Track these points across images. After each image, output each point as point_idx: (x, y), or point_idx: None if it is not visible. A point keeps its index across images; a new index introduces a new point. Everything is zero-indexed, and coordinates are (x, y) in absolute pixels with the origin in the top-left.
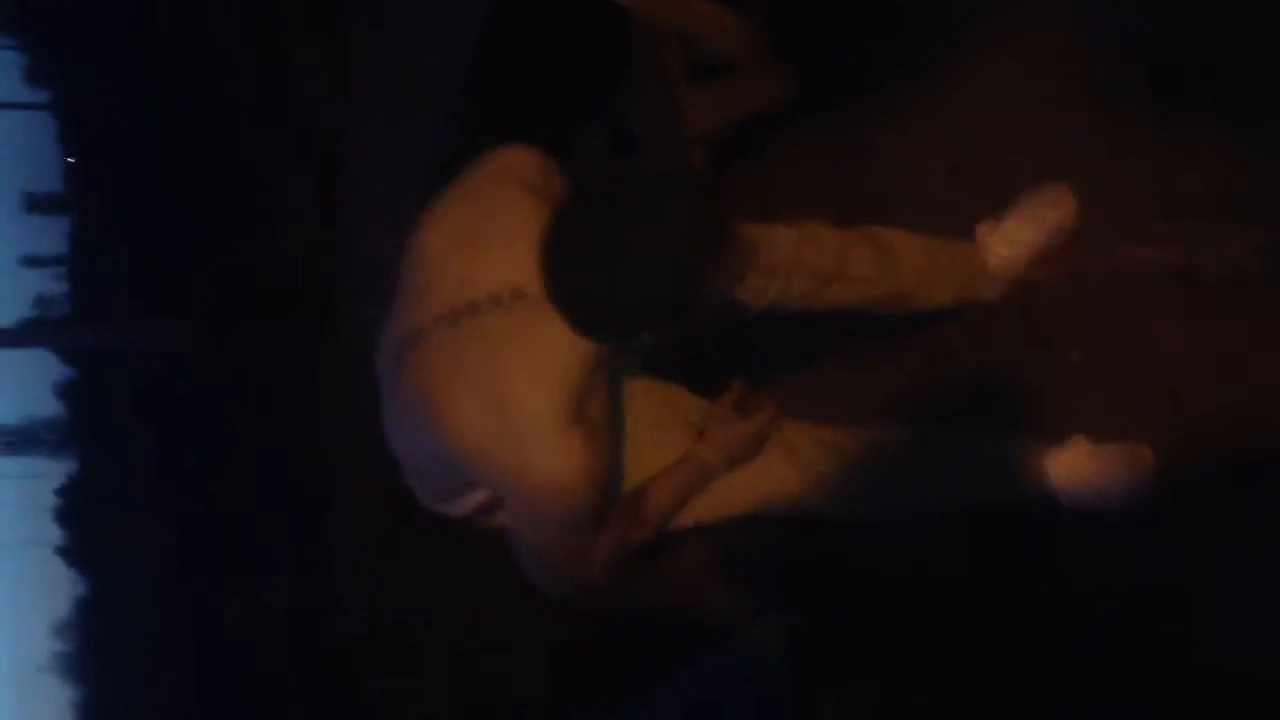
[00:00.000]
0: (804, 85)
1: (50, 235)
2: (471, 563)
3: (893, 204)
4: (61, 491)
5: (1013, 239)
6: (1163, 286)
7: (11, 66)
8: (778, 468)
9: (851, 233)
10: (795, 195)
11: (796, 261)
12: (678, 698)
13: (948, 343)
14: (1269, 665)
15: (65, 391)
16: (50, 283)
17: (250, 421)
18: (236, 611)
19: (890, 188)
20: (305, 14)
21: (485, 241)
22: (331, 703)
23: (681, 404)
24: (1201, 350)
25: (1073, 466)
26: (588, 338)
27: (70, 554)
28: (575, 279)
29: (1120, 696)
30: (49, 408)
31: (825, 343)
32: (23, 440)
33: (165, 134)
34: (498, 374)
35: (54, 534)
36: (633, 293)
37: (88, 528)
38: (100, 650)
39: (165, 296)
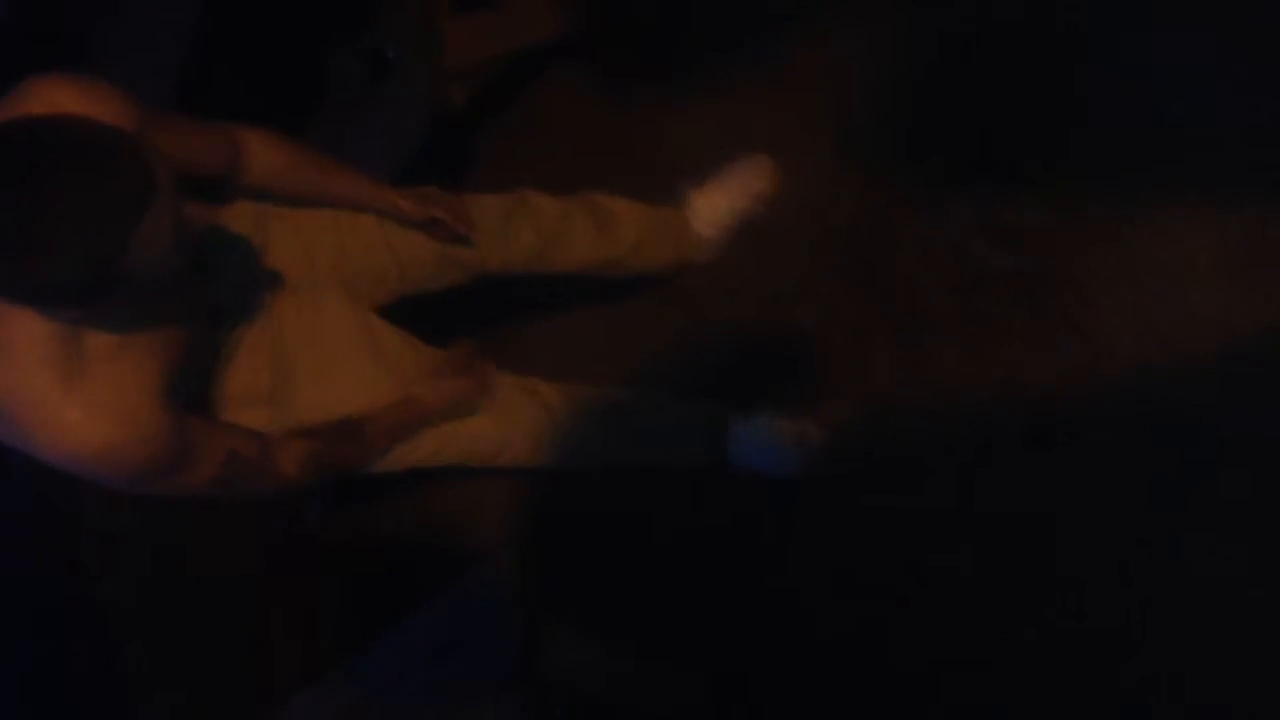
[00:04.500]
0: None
1: None
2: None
3: (618, 173)
4: None
5: (717, 205)
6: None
7: None
8: (492, 421)
9: (570, 200)
10: (544, 145)
11: (515, 227)
12: (421, 634)
13: (657, 306)
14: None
15: None
16: None
17: None
18: None
19: (620, 154)
20: None
21: None
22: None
23: (409, 351)
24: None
25: (753, 436)
26: (28, 308)
27: None
28: None
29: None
30: None
31: (547, 307)
32: None
33: None
34: None
35: None
36: (34, 265)
37: None
38: None
39: None
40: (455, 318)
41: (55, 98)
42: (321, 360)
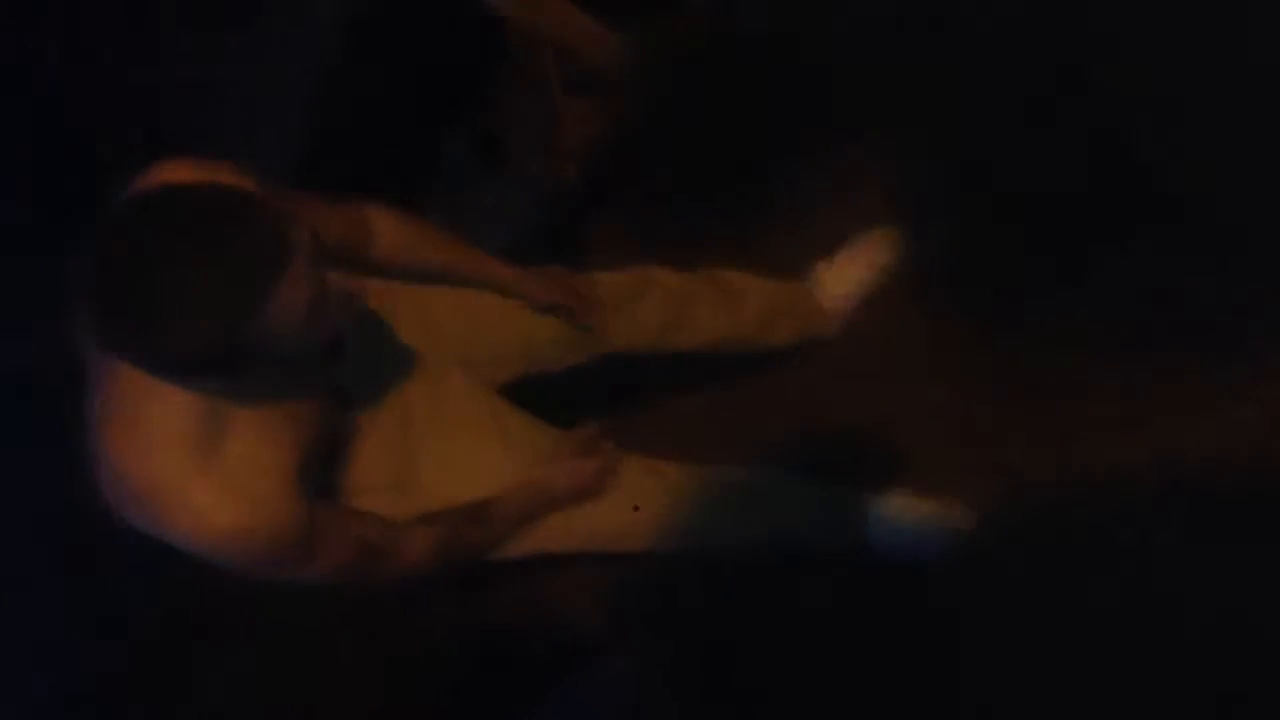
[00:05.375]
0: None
1: None
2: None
3: (741, 247)
4: None
5: (845, 277)
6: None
7: None
8: (618, 504)
9: (694, 276)
10: (663, 222)
11: (640, 306)
12: None
13: (785, 384)
14: None
15: None
16: None
17: None
18: None
19: (745, 227)
20: None
21: None
22: None
23: (534, 432)
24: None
25: (892, 517)
26: (168, 381)
27: None
28: (113, 318)
29: None
30: None
31: (673, 385)
32: None
33: None
34: (111, 438)
35: None
36: (165, 334)
37: None
38: None
39: None
40: (577, 398)
41: (180, 178)
42: (447, 443)
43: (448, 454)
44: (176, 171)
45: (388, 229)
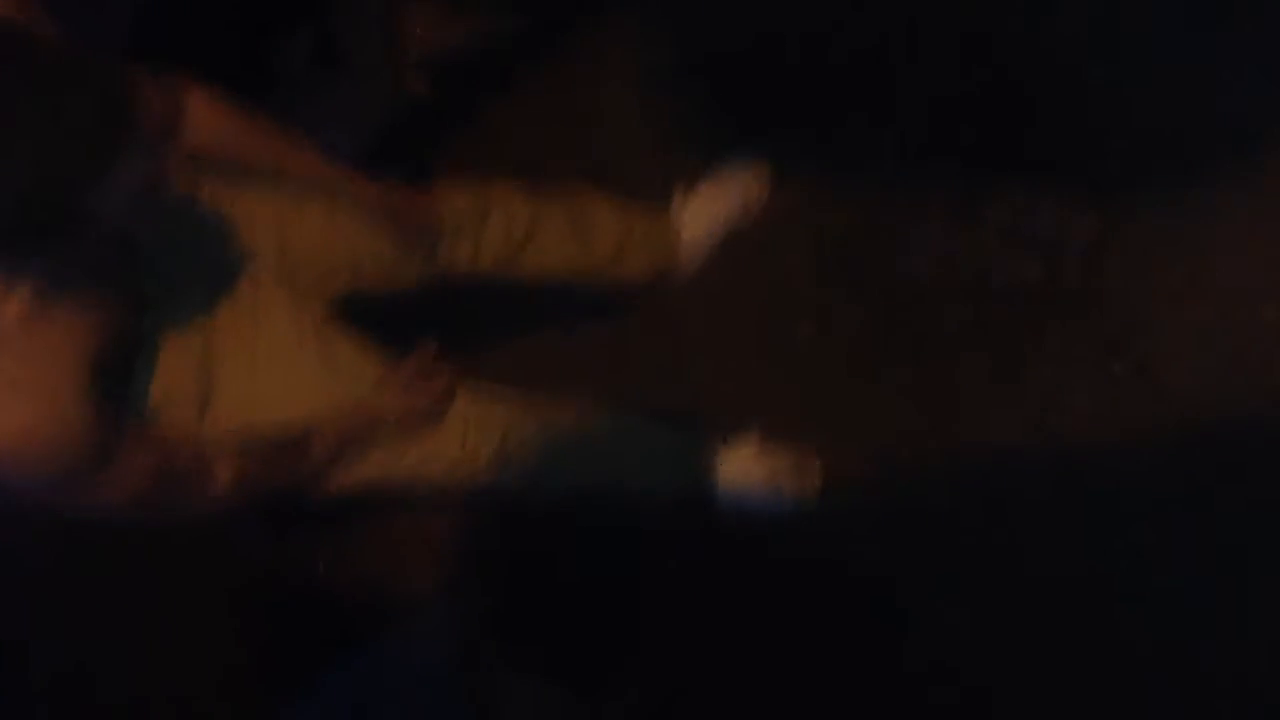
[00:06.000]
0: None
1: None
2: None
3: (597, 173)
4: None
5: (706, 210)
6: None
7: None
8: (452, 435)
9: (544, 200)
10: (518, 139)
11: (484, 227)
12: (351, 684)
13: (638, 323)
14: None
15: None
16: None
17: None
18: None
19: (603, 152)
20: None
21: None
22: None
23: (362, 355)
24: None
25: (737, 468)
26: None
27: None
28: None
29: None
30: None
31: (519, 315)
32: None
33: None
34: None
35: None
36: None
37: None
38: None
39: None
40: (414, 328)
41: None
42: (260, 362)
43: (260, 374)
44: None
45: (202, 110)
